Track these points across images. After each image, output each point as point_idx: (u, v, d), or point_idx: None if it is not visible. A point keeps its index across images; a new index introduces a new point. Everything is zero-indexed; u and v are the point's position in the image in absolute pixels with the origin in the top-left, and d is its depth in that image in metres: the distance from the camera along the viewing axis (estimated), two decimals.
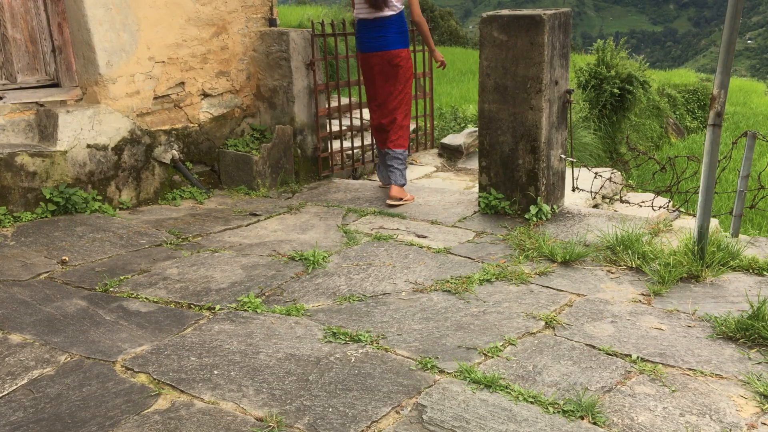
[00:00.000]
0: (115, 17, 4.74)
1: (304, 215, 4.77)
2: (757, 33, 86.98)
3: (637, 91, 10.47)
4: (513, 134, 4.39)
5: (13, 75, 4.77)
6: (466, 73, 12.33)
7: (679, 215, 5.06)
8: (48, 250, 3.90)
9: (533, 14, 4.16)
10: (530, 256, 3.79)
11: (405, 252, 3.93)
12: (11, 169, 4.31)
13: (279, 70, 5.56)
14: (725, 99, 3.33)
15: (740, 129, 12.74)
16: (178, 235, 4.30)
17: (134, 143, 4.93)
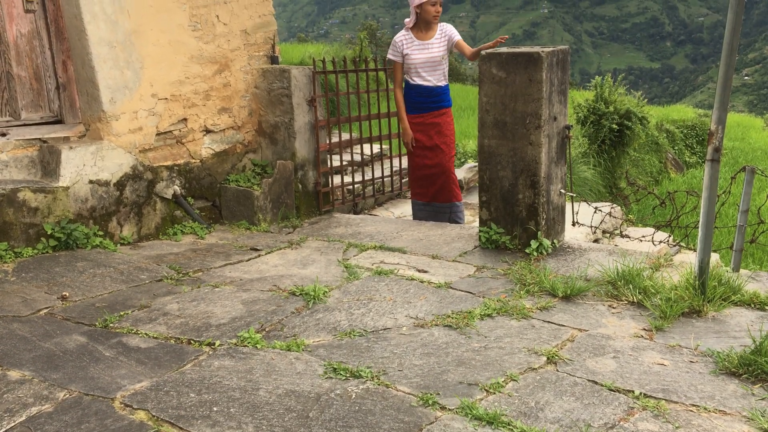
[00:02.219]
0: (119, 55, 4.80)
1: (304, 250, 4.77)
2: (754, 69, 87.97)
3: (635, 126, 10.55)
4: (513, 169, 4.41)
5: (17, 112, 4.82)
6: (465, 109, 12.45)
7: (680, 250, 5.07)
8: (48, 286, 3.89)
9: (531, 52, 4.22)
10: (531, 290, 3.79)
11: (406, 287, 3.93)
12: (13, 205, 4.33)
13: (281, 106, 5.62)
14: (723, 134, 3.36)
15: (739, 164, 12.80)
16: (178, 270, 4.30)
17: (136, 179, 4.96)
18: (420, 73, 5.47)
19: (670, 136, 13.93)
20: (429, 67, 5.46)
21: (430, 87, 5.50)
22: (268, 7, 5.75)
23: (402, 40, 5.51)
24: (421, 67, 5.45)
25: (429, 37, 5.48)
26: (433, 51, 5.45)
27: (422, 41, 5.46)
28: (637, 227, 6.70)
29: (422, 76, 5.47)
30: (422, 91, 5.50)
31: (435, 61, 5.45)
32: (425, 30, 5.48)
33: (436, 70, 5.48)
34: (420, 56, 5.44)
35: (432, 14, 5.35)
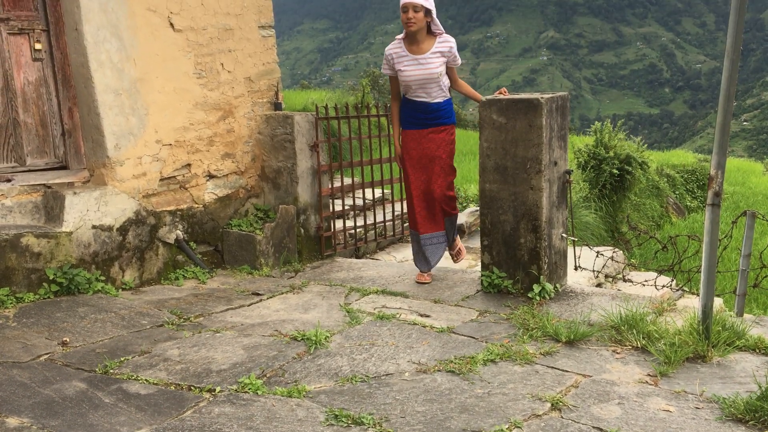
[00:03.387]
0: (124, 102, 4.88)
1: (306, 294, 4.76)
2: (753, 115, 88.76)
3: (636, 171, 10.60)
4: (514, 213, 4.43)
5: (23, 158, 4.87)
6: (467, 154, 12.53)
7: (683, 294, 5.04)
8: (49, 332, 3.88)
9: (531, 98, 4.28)
10: (534, 335, 3.76)
11: (408, 331, 3.90)
12: (16, 250, 4.34)
13: (283, 151, 5.68)
14: (723, 179, 3.38)
15: (740, 208, 12.82)
16: (179, 315, 4.29)
17: (139, 224, 4.98)
18: (415, 90, 4.85)
19: (670, 180, 14.00)
20: (424, 83, 4.79)
21: (426, 103, 4.86)
22: (271, 56, 5.86)
23: (392, 54, 4.85)
24: (416, 84, 4.80)
25: (423, 50, 4.76)
26: (428, 67, 4.74)
27: (415, 55, 4.76)
28: (639, 271, 6.68)
29: (417, 93, 4.85)
30: (418, 107, 4.88)
31: (431, 78, 4.77)
32: (416, 42, 4.78)
33: (434, 86, 4.82)
34: (414, 73, 4.77)
35: (404, 22, 4.66)
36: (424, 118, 4.87)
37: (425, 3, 4.58)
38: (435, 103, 4.88)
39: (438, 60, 4.75)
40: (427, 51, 4.75)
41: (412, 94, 4.86)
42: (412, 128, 4.94)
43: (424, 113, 4.87)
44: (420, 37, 4.74)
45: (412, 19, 4.59)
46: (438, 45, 4.76)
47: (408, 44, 4.79)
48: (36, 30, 4.79)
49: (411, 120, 4.93)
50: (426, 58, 4.74)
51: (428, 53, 4.74)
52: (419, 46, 4.76)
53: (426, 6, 4.60)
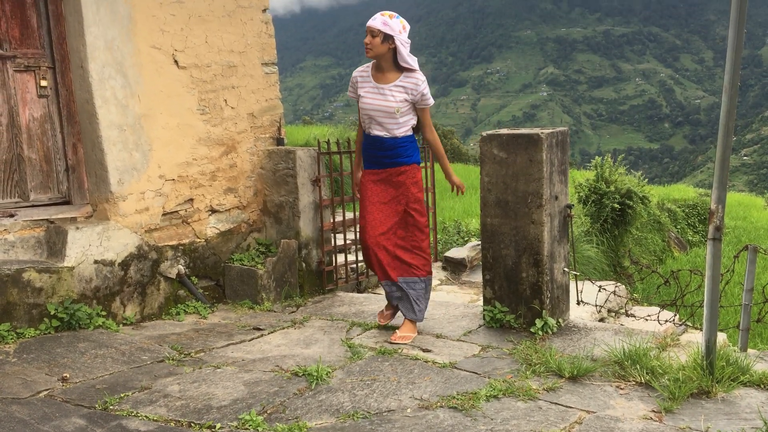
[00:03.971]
0: (128, 138, 4.92)
1: (308, 329, 4.74)
2: (753, 149, 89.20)
3: (637, 205, 10.61)
4: (516, 248, 4.43)
5: (26, 193, 4.90)
6: (468, 188, 12.57)
7: (686, 329, 5.02)
8: (49, 367, 3.86)
9: (531, 133, 4.31)
10: (537, 371, 3.74)
11: (410, 367, 3.88)
12: (18, 285, 4.34)
13: (285, 186, 5.70)
14: (723, 213, 3.39)
15: (742, 243, 12.81)
16: (180, 350, 4.26)
17: (141, 259, 4.98)
18: (371, 122, 4.41)
19: (671, 215, 14.01)
20: (381, 117, 4.36)
21: (381, 138, 4.39)
22: (274, 92, 5.93)
23: (357, 76, 4.49)
24: (372, 113, 4.37)
25: (387, 80, 4.35)
26: (388, 99, 4.33)
27: (377, 84, 4.37)
28: (642, 306, 6.66)
29: (373, 126, 4.40)
30: (374, 142, 4.42)
31: (388, 113, 4.34)
32: (381, 70, 4.38)
33: (391, 123, 4.36)
34: (372, 102, 4.36)
35: (364, 46, 4.32)
36: (381, 156, 4.39)
37: (383, 28, 4.20)
38: (391, 139, 4.38)
39: (399, 95, 4.31)
40: (391, 82, 4.35)
41: (369, 127, 4.43)
42: (369, 167, 4.50)
43: (379, 149, 4.40)
44: (384, 66, 4.35)
45: (369, 44, 4.25)
46: (403, 79, 4.34)
47: (374, 70, 4.41)
48: (42, 67, 4.86)
49: (367, 157, 4.49)
50: (388, 89, 4.33)
51: (391, 85, 4.34)
52: (384, 75, 4.37)
53: (384, 32, 4.21)
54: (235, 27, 5.55)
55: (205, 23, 5.35)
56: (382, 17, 4.24)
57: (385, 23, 4.20)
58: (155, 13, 5.03)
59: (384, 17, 4.24)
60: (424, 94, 4.37)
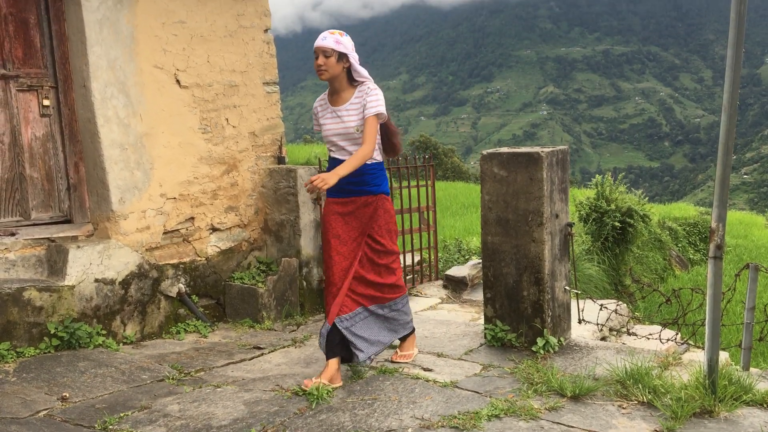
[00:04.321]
0: (130, 157, 4.94)
1: (308, 348, 4.72)
2: (753, 168, 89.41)
3: (637, 224, 10.60)
4: (516, 266, 4.43)
5: (28, 212, 4.90)
6: (468, 207, 12.60)
7: (688, 348, 5.00)
8: (49, 387, 3.84)
9: (531, 152, 4.33)
10: (539, 390, 3.72)
11: (411, 386, 3.86)
12: (18, 304, 4.34)
13: (286, 204, 5.71)
14: (724, 232, 3.39)
15: (743, 261, 12.79)
16: (180, 369, 4.25)
17: (142, 277, 4.98)
18: (335, 147, 4.13)
19: (672, 233, 14.00)
20: (342, 140, 4.08)
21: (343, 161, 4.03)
22: (275, 111, 5.96)
23: (318, 106, 4.23)
24: (335, 139, 4.09)
25: (341, 101, 4.08)
26: (345, 121, 4.03)
27: (334, 107, 4.10)
28: (644, 325, 6.63)
29: (337, 152, 4.12)
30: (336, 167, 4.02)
31: (348, 135, 4.04)
32: (335, 92, 4.11)
33: (353, 145, 4.06)
34: (331, 127, 4.09)
35: (315, 69, 4.02)
36: (345, 183, 3.96)
37: (336, 47, 3.92)
38: None
39: (357, 113, 4.01)
40: (345, 102, 4.06)
41: (333, 151, 4.15)
42: (333, 196, 4.12)
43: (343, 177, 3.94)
44: (339, 86, 4.06)
45: (323, 66, 3.94)
46: (357, 94, 4.04)
47: (330, 95, 4.14)
48: (45, 87, 4.89)
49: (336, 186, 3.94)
50: (345, 110, 4.05)
51: (347, 104, 4.05)
52: (339, 96, 4.08)
53: (338, 50, 3.92)
54: (237, 47, 5.59)
55: (207, 43, 5.39)
56: (332, 36, 3.96)
57: (338, 42, 3.93)
58: (158, 33, 5.07)
59: (335, 35, 3.96)
60: (368, 101, 3.97)
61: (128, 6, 4.90)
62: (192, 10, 5.28)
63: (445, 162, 31.51)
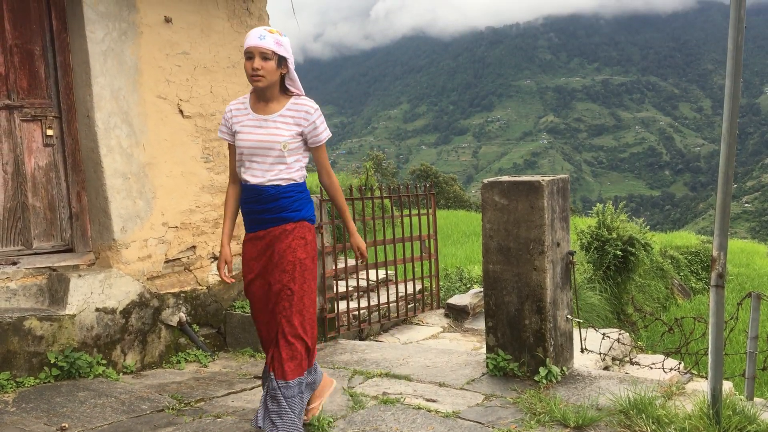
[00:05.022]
0: (132, 186, 4.96)
1: None
2: (754, 197, 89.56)
3: (639, 252, 10.60)
4: (518, 294, 4.42)
5: (29, 241, 4.91)
6: (470, 235, 12.60)
7: (692, 377, 4.96)
8: (48, 417, 3.81)
9: (532, 180, 4.34)
10: (542, 420, 3.69)
11: (413, 416, 3.83)
12: (18, 334, 4.32)
13: None
14: (725, 260, 3.39)
15: (745, 290, 12.74)
16: (180, 399, 4.22)
17: (143, 306, 4.97)
18: (249, 165, 3.39)
19: (674, 262, 13.98)
20: (262, 155, 3.36)
21: (259, 187, 3.36)
22: None
23: (233, 109, 3.48)
24: (254, 152, 3.36)
25: (271, 110, 3.39)
26: (272, 132, 3.34)
27: (259, 115, 3.39)
28: (646, 354, 6.60)
29: (252, 170, 3.38)
30: (251, 194, 3.40)
31: (272, 148, 3.34)
32: (264, 99, 3.41)
33: (275, 163, 3.36)
34: (252, 137, 3.36)
35: (248, 73, 3.31)
36: (260, 211, 3.38)
37: (277, 49, 3.28)
38: (272, 188, 3.36)
39: (288, 127, 3.36)
40: (275, 112, 3.39)
41: (245, 173, 3.40)
42: (250, 229, 3.48)
43: (257, 202, 3.38)
44: (270, 94, 3.39)
45: (260, 70, 3.26)
46: (291, 107, 3.39)
47: (254, 100, 3.45)
48: (49, 117, 4.93)
49: (247, 215, 3.47)
50: (273, 120, 3.37)
51: (276, 114, 3.38)
52: (267, 105, 3.41)
53: (279, 54, 3.29)
54: (239, 77, 5.65)
55: (210, 74, 5.45)
56: (271, 35, 3.30)
57: (279, 43, 3.29)
58: (161, 64, 5.13)
59: (274, 35, 3.31)
60: (317, 125, 3.41)
61: (132, 38, 4.97)
62: (195, 42, 5.35)
63: (446, 190, 31.60)
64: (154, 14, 5.09)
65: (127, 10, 4.94)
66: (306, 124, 3.38)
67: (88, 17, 4.73)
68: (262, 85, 3.30)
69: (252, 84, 3.32)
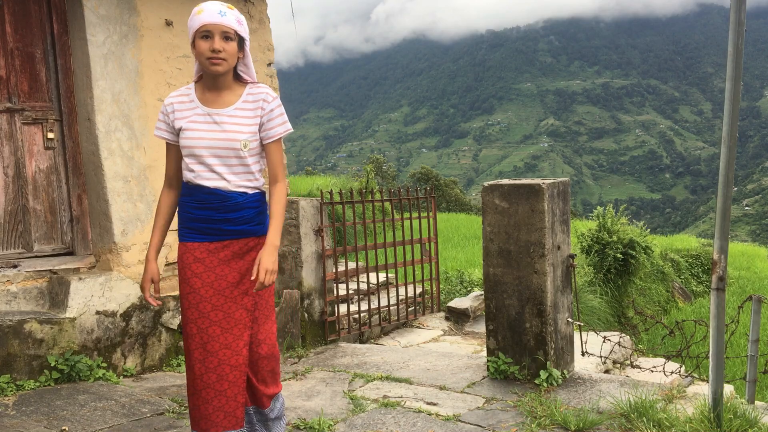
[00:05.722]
0: (133, 189, 4.96)
1: (309, 381, 4.69)
2: (754, 200, 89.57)
3: (640, 255, 10.61)
4: (519, 298, 4.42)
5: (30, 244, 4.91)
6: (470, 238, 12.59)
7: (693, 381, 4.96)
8: (48, 420, 3.81)
9: (532, 183, 4.35)
10: (542, 423, 3.68)
11: (413, 419, 3.82)
12: (19, 337, 4.32)
13: (288, 236, 5.72)
14: (726, 263, 3.39)
15: (746, 293, 12.73)
16: (180, 403, 4.21)
17: (143, 309, 4.97)
18: (203, 168, 2.86)
19: (675, 265, 13.97)
20: (220, 158, 2.85)
21: (223, 193, 2.86)
22: None
23: (174, 103, 2.92)
24: (205, 153, 2.84)
25: (225, 102, 2.89)
26: (228, 131, 2.85)
27: (210, 108, 2.88)
28: (647, 357, 6.59)
29: (206, 174, 2.86)
30: (208, 199, 2.87)
31: (231, 150, 2.85)
32: (215, 88, 2.90)
33: (236, 164, 2.88)
34: (202, 135, 2.85)
35: (205, 56, 2.78)
36: (218, 220, 2.87)
37: (239, 29, 2.82)
38: (239, 194, 2.89)
39: (247, 121, 2.88)
40: (230, 105, 2.89)
41: (199, 176, 2.86)
42: (195, 239, 2.90)
43: (217, 210, 2.87)
44: (223, 83, 2.89)
45: (222, 52, 2.77)
46: (248, 97, 2.91)
47: (201, 91, 2.92)
48: (50, 120, 4.94)
49: (194, 223, 2.90)
50: (228, 116, 2.87)
51: (232, 108, 2.89)
52: (219, 96, 2.90)
53: (240, 34, 2.83)
54: None
55: None
56: (231, 12, 2.83)
57: (240, 21, 2.84)
58: (162, 67, 5.13)
59: (234, 12, 2.84)
60: (274, 116, 2.91)
61: (133, 41, 4.97)
62: None
63: (446, 193, 31.61)
64: (155, 17, 5.10)
65: (128, 13, 4.94)
66: (261, 114, 2.88)
67: (89, 20, 4.74)
68: (222, 69, 2.80)
69: (209, 69, 2.80)
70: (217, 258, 2.88)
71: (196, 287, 2.86)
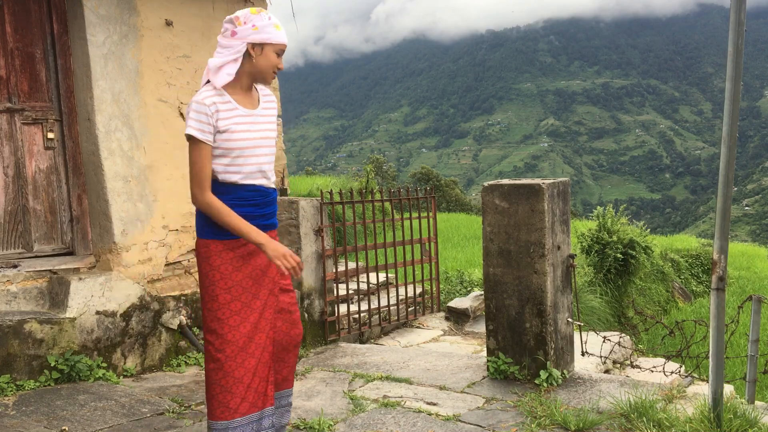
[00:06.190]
0: (133, 189, 4.96)
1: (309, 381, 4.69)
2: (754, 200, 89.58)
3: (640, 255, 10.61)
4: (519, 298, 4.42)
5: (30, 244, 4.91)
6: (470, 238, 12.59)
7: (693, 381, 4.96)
8: (48, 420, 3.81)
9: (532, 183, 4.35)
10: (542, 423, 3.68)
11: (413, 419, 3.83)
12: (19, 337, 4.32)
13: (288, 236, 5.72)
14: (726, 263, 3.39)
15: (746, 293, 12.72)
16: (181, 403, 4.22)
17: (143, 309, 4.97)
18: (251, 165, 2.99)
19: (675, 265, 13.97)
20: (264, 156, 3.04)
21: (265, 189, 3.06)
22: (278, 143, 5.99)
23: (218, 103, 2.91)
24: (255, 152, 2.99)
25: (253, 103, 3.06)
26: (266, 128, 3.07)
27: (248, 110, 3.00)
28: (647, 357, 6.59)
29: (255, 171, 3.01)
30: (250, 197, 3.00)
31: (270, 146, 3.07)
32: (248, 89, 3.05)
33: (271, 159, 3.09)
34: (251, 135, 2.98)
35: (272, 70, 3.01)
36: (257, 215, 3.01)
37: None
38: (273, 190, 3.11)
39: (272, 119, 3.13)
40: (258, 106, 3.08)
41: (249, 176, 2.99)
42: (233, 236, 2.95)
43: (257, 206, 3.02)
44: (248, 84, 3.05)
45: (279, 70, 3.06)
46: (262, 96, 3.12)
47: (237, 93, 3.00)
48: (50, 120, 4.94)
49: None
50: (261, 115, 3.06)
51: (260, 108, 3.08)
52: (249, 97, 3.05)
53: None
54: None
55: None
56: None
57: None
58: (162, 68, 5.14)
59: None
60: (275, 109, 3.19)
61: (133, 41, 4.97)
62: (196, 45, 5.35)
63: (446, 193, 31.62)
64: (155, 17, 5.10)
65: (128, 13, 4.95)
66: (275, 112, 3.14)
67: (89, 20, 4.74)
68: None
69: (268, 79, 3.03)
70: (247, 250, 2.99)
71: (236, 280, 2.98)
